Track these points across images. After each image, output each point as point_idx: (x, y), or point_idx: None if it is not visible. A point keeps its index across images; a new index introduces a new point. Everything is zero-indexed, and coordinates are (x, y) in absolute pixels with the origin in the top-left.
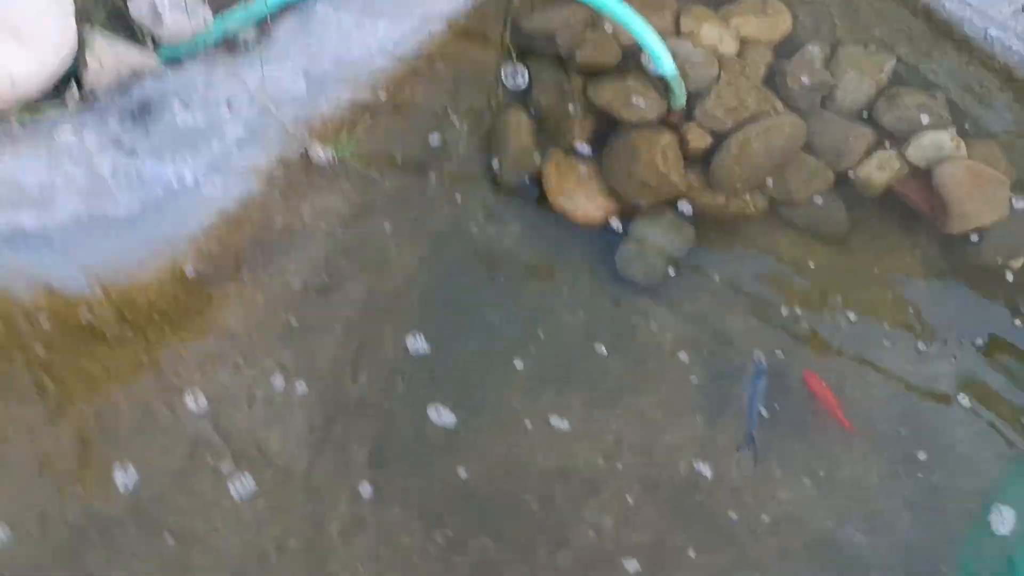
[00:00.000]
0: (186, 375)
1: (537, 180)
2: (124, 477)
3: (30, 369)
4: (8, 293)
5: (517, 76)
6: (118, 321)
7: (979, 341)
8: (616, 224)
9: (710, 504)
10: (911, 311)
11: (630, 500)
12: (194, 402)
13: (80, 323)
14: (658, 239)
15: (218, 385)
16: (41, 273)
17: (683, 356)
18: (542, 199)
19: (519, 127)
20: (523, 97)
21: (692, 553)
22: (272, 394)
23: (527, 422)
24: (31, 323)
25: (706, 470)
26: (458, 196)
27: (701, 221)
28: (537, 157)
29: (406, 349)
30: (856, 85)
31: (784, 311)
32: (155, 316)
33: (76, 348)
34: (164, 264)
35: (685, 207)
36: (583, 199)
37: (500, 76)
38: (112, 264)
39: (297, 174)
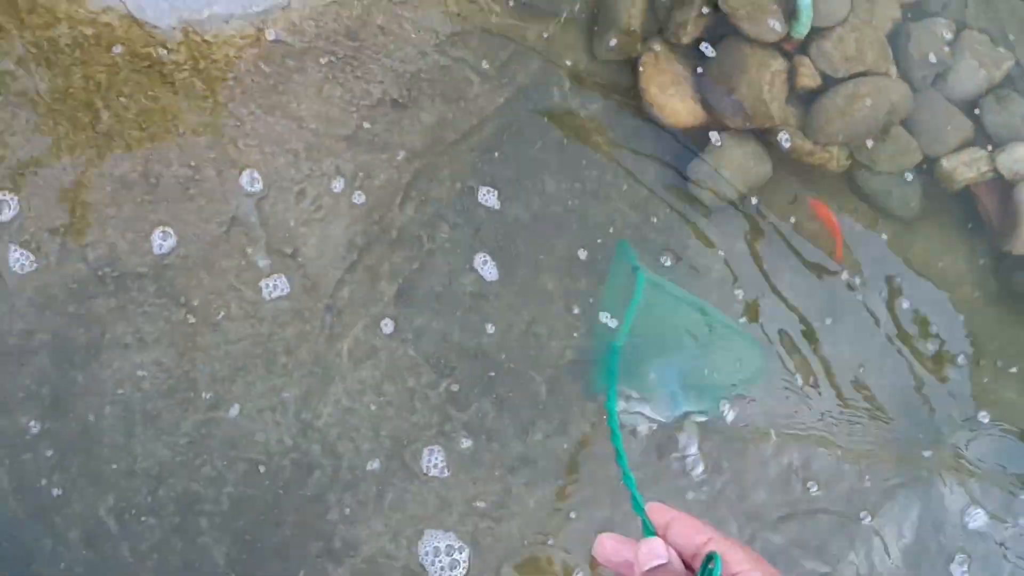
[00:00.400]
0: (244, 149)
1: (634, 64)
2: (156, 232)
3: (87, 91)
4: (84, 5)
5: None
6: (192, 70)
7: (1000, 362)
8: (699, 135)
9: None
10: (943, 313)
11: None
12: (246, 179)
13: (152, 59)
14: (735, 165)
15: (273, 169)
16: None
17: (729, 290)
18: (633, 85)
19: (634, 5)
20: None
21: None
22: (322, 196)
23: (558, 305)
24: (101, 44)
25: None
26: (553, 54)
27: (779, 160)
28: (641, 41)
29: (459, 192)
30: (971, 74)
31: (832, 274)
32: (230, 78)
33: (139, 84)
34: (253, 24)
35: (784, 138)
36: (675, 98)
37: None
38: (199, 7)
39: None
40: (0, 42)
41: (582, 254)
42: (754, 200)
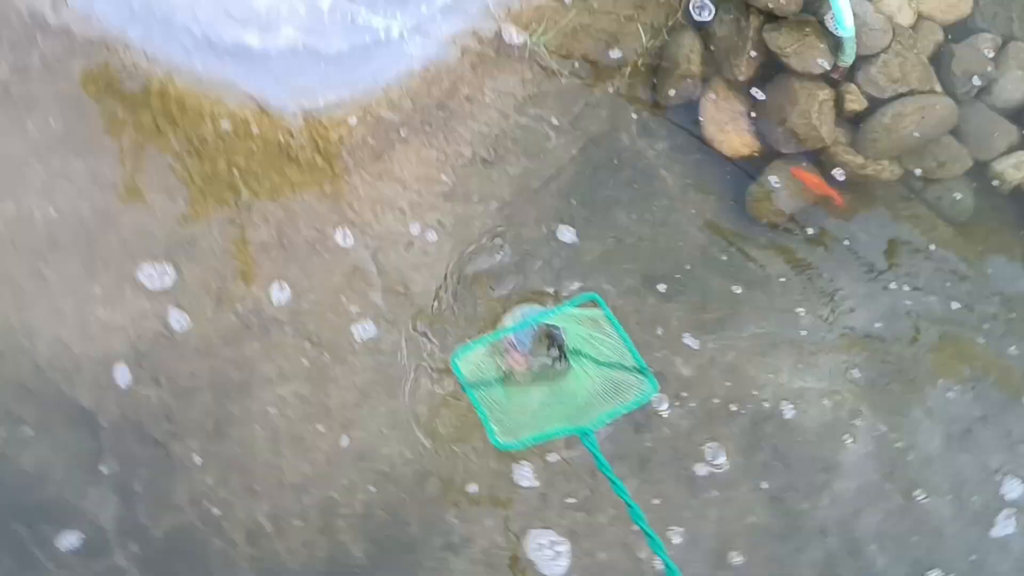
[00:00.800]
0: (359, 210)
1: (695, 105)
2: (290, 283)
3: (230, 172)
4: (223, 101)
5: (704, 10)
6: (312, 149)
7: None
8: (756, 162)
9: (784, 444)
10: (999, 305)
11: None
12: (361, 235)
13: (279, 143)
14: (790, 188)
15: (384, 225)
16: (255, 91)
17: (788, 301)
18: (694, 124)
19: (691, 53)
20: (699, 25)
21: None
22: (426, 244)
23: (631, 322)
24: (238, 133)
25: (785, 412)
26: (619, 104)
27: (833, 177)
28: (700, 84)
29: (545, 234)
30: (1016, 84)
31: (891, 280)
32: (343, 152)
33: (271, 164)
34: (360, 106)
35: (839, 173)
36: (733, 133)
37: (687, 3)
38: (316, 97)
39: (488, 51)
40: (161, 142)
41: (654, 280)
42: (795, 218)
